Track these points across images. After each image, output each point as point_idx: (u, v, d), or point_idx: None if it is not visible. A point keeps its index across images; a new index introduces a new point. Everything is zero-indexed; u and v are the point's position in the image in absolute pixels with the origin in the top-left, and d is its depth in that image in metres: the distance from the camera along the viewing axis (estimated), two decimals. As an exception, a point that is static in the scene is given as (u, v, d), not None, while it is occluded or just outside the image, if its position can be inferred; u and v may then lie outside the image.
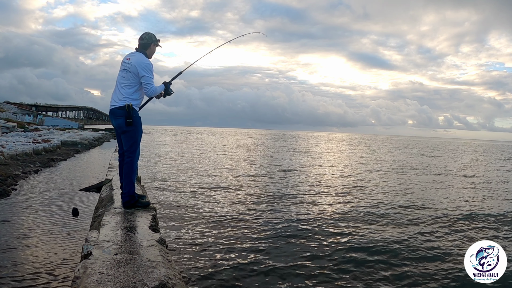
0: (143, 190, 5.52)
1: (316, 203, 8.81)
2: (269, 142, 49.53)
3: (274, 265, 4.69)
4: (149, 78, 3.93)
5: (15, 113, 51.54)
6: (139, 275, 2.29)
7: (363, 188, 11.28)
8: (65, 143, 21.10)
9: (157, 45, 4.22)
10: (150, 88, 3.95)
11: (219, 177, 12.53)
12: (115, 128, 4.13)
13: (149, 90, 3.96)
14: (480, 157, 34.78)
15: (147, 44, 4.10)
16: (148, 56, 4.11)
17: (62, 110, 76.93)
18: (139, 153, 4.24)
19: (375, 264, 4.91)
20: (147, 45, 4.11)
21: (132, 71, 3.93)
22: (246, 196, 9.29)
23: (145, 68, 3.91)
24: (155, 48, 4.20)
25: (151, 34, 4.14)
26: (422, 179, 14.26)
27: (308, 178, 13.46)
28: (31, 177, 10.70)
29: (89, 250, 2.70)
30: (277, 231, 6.20)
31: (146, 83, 3.92)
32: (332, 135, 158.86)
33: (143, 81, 3.92)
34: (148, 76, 3.92)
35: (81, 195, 8.59)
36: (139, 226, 3.43)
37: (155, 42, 4.17)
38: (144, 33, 4.13)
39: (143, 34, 4.13)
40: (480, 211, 8.56)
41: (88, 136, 29.05)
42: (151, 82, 3.95)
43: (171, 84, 4.32)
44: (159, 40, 4.21)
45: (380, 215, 7.70)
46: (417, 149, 43.12)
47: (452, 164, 23.52)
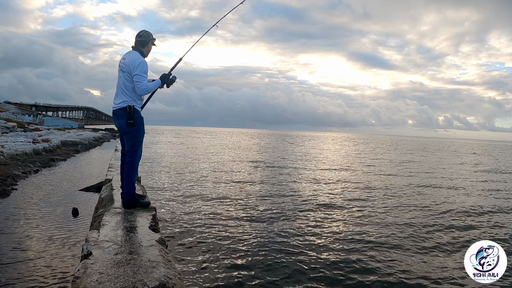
0: (143, 190, 5.52)
1: (315, 200, 8.81)
2: (272, 142, 49.47)
3: (275, 265, 4.69)
4: (140, 76, 3.87)
5: (15, 113, 51.54)
6: (139, 275, 2.29)
7: (362, 188, 11.29)
8: (65, 143, 21.10)
9: (153, 44, 4.20)
10: (140, 87, 3.88)
11: (220, 178, 12.52)
12: (118, 129, 4.16)
13: (139, 89, 3.89)
14: (481, 157, 34.77)
15: (145, 41, 4.08)
16: (144, 54, 4.09)
17: (62, 110, 76.96)
18: (141, 153, 4.25)
19: (374, 264, 4.91)
20: (145, 43, 4.09)
21: (126, 71, 3.92)
22: (246, 196, 9.29)
23: (137, 67, 3.86)
24: (151, 46, 4.17)
25: (149, 32, 4.12)
26: (422, 179, 14.26)
27: (313, 182, 13.46)
28: (31, 177, 10.70)
29: (89, 250, 2.70)
30: (279, 231, 6.20)
31: (136, 81, 3.87)
32: (333, 135, 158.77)
33: (134, 79, 3.88)
34: (140, 75, 3.86)
35: (81, 195, 8.59)
36: (139, 226, 3.43)
37: (152, 40, 4.15)
38: (142, 31, 4.10)
39: (140, 31, 4.10)
40: (480, 211, 8.56)
41: (88, 136, 29.06)
42: (142, 81, 3.87)
43: (171, 74, 4.20)
44: (155, 39, 4.19)
45: (380, 215, 7.70)
46: (421, 150, 43.11)
47: (453, 164, 23.52)
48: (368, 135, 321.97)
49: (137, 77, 3.86)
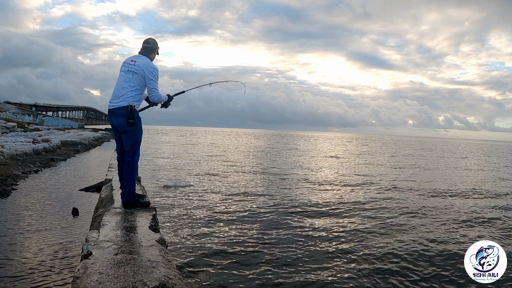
0: (143, 190, 5.52)
1: (315, 196, 8.81)
2: (273, 143, 49.45)
3: (275, 266, 4.69)
4: (155, 83, 4.03)
5: (15, 113, 51.55)
6: (139, 275, 2.29)
7: (362, 188, 11.30)
8: (65, 143, 21.11)
9: (157, 53, 4.33)
10: (156, 94, 4.05)
11: (220, 178, 12.53)
12: (115, 128, 4.13)
13: (154, 96, 4.06)
14: (482, 157, 34.76)
15: (152, 49, 4.21)
16: (151, 60, 4.19)
17: (62, 110, 76.96)
18: (140, 153, 4.25)
19: (373, 264, 4.91)
20: (153, 50, 4.21)
21: (139, 73, 3.98)
22: (247, 196, 9.29)
23: (153, 73, 4.00)
24: (155, 55, 4.30)
25: (156, 40, 4.27)
26: (421, 179, 14.26)
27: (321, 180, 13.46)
28: (31, 177, 10.70)
29: (89, 250, 2.70)
30: (279, 232, 6.20)
31: (152, 88, 4.02)
32: (334, 135, 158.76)
33: (149, 85, 4.01)
34: (155, 81, 4.03)
35: (81, 195, 8.59)
36: (139, 226, 3.43)
37: (158, 49, 4.28)
38: (150, 38, 4.25)
39: (148, 38, 4.24)
40: (480, 211, 8.56)
41: (88, 136, 29.07)
42: (157, 88, 4.05)
43: (172, 99, 4.46)
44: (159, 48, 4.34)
45: (379, 214, 7.70)
46: (426, 150, 43.10)
47: (453, 165, 23.52)
48: (369, 135, 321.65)
49: (153, 83, 4.01)
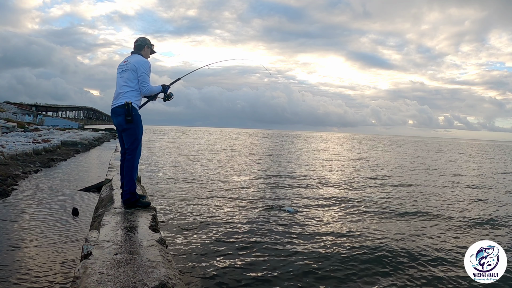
0: (143, 191, 5.52)
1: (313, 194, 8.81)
2: (275, 143, 49.44)
3: (275, 266, 4.69)
4: (146, 76, 4.07)
5: (15, 113, 51.56)
6: (139, 275, 2.29)
7: (361, 188, 11.30)
8: (65, 143, 21.10)
9: (152, 50, 4.37)
10: (146, 86, 4.09)
11: (220, 179, 12.52)
12: (116, 127, 4.18)
13: (144, 88, 4.09)
14: (483, 157, 34.76)
15: (141, 45, 4.27)
16: (144, 57, 4.23)
17: (62, 110, 77.00)
18: (141, 151, 4.24)
19: (373, 264, 4.91)
20: (142, 46, 4.27)
21: (131, 69, 4.05)
22: (248, 197, 9.29)
23: (143, 66, 4.06)
24: (149, 51, 4.34)
25: (146, 38, 4.33)
26: (421, 179, 14.25)
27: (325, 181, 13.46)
28: (31, 177, 10.70)
29: (89, 250, 2.70)
30: (278, 233, 6.20)
31: (142, 81, 4.06)
32: (336, 135, 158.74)
33: (140, 78, 4.05)
34: (146, 74, 4.07)
35: (81, 195, 8.59)
36: (139, 226, 3.43)
37: (149, 45, 4.32)
38: (139, 37, 4.32)
39: (138, 37, 4.31)
40: (480, 211, 8.57)
41: (88, 136, 29.06)
42: (147, 81, 4.09)
43: (169, 88, 4.43)
44: (153, 45, 4.37)
45: (379, 214, 7.70)
46: (429, 151, 43.05)
47: (454, 164, 23.52)
48: (370, 135, 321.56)
49: (143, 76, 4.05)
